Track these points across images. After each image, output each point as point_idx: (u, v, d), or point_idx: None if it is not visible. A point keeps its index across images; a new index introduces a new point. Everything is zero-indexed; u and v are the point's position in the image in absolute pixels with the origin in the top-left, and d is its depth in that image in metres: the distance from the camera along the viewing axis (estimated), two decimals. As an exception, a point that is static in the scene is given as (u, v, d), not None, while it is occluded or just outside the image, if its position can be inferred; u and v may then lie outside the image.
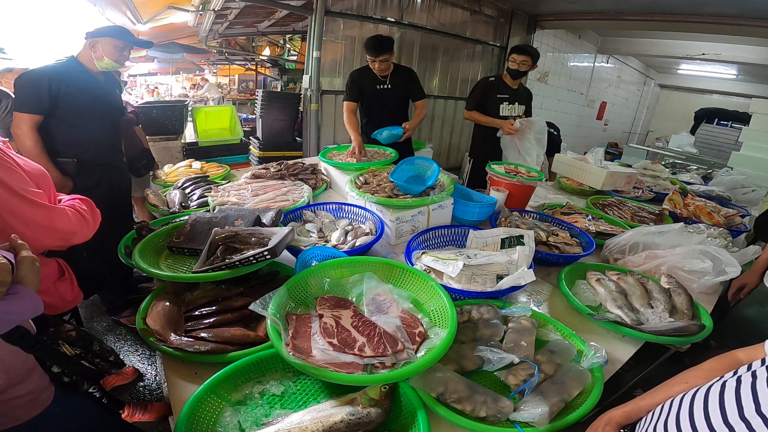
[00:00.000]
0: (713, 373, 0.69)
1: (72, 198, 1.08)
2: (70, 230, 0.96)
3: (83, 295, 1.23)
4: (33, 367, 0.78)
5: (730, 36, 4.31)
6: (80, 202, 1.07)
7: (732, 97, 7.75)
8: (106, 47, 1.79)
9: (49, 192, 1.02)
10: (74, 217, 0.98)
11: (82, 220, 1.01)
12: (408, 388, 0.83)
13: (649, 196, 2.59)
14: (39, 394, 0.78)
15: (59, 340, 0.83)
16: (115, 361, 0.95)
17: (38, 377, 0.79)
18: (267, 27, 5.88)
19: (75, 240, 1.03)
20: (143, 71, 8.02)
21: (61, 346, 0.82)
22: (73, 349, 0.84)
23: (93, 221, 1.08)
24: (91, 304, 2.36)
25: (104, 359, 0.91)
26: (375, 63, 2.40)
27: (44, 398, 0.79)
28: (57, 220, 0.91)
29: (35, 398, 0.77)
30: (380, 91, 2.58)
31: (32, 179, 0.94)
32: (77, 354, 0.85)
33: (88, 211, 1.06)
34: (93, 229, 1.08)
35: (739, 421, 0.53)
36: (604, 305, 1.26)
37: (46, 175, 1.03)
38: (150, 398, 1.84)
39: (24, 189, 0.85)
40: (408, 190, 1.60)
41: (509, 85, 2.75)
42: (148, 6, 4.14)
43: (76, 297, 1.14)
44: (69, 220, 0.95)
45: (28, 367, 0.76)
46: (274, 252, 1.03)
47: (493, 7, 5.00)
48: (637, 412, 0.75)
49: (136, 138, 2.44)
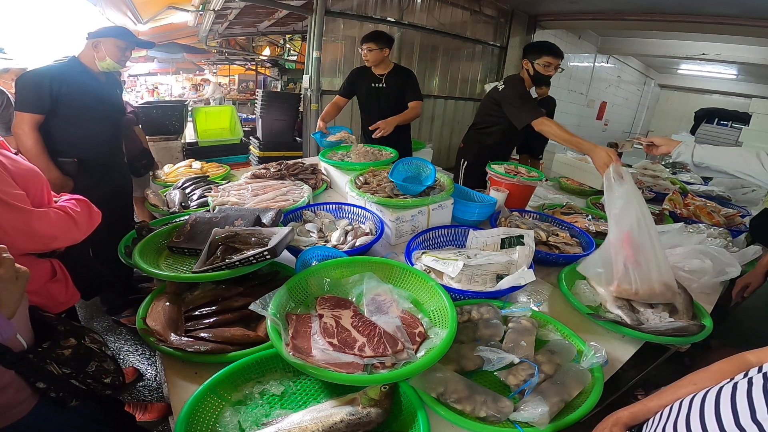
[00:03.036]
0: (722, 375, 0.69)
1: (68, 199, 1.07)
2: (50, 234, 0.93)
3: (83, 297, 1.23)
4: (9, 382, 0.73)
5: (730, 36, 4.32)
6: (75, 204, 1.05)
7: (732, 97, 7.76)
8: (109, 47, 1.80)
9: (41, 192, 1.00)
10: (59, 220, 0.95)
11: (69, 223, 0.98)
12: (408, 388, 0.83)
13: (649, 196, 2.59)
14: (10, 408, 0.74)
15: (48, 359, 0.77)
16: (111, 383, 0.88)
17: (13, 392, 0.74)
18: (267, 27, 5.88)
19: (56, 244, 1.01)
20: (143, 71, 8.03)
21: (48, 364, 0.77)
22: (61, 368, 0.78)
23: (86, 223, 1.06)
24: (91, 304, 2.37)
25: (97, 380, 0.85)
26: (363, 51, 2.44)
27: (16, 412, 0.75)
28: (36, 223, 0.88)
29: (4, 412, 0.73)
30: (375, 89, 2.59)
31: (19, 180, 0.92)
32: (66, 373, 0.79)
33: (81, 213, 1.03)
34: (85, 232, 1.05)
35: (751, 424, 0.53)
36: (604, 305, 1.26)
37: (37, 174, 1.01)
38: (150, 398, 1.84)
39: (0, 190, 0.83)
40: (408, 190, 1.60)
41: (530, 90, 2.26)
42: (148, 6, 4.14)
43: (71, 298, 1.14)
44: (49, 224, 0.92)
45: (2, 381, 0.72)
46: (274, 252, 1.03)
47: (493, 7, 5.00)
48: (644, 413, 0.75)
49: (136, 138, 2.44)
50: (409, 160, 1.76)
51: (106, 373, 0.87)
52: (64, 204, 1.03)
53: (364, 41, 2.45)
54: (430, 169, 1.68)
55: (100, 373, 0.86)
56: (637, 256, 1.20)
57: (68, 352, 0.81)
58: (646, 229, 1.21)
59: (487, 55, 5.34)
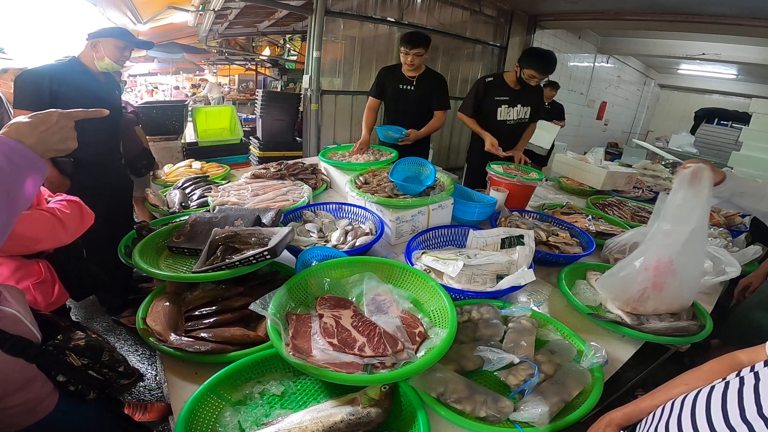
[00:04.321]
0: (714, 375, 0.69)
1: (59, 200, 1.06)
2: (33, 237, 0.92)
3: (74, 297, 1.23)
4: (34, 376, 0.76)
5: (730, 36, 4.31)
6: (65, 206, 1.04)
7: (732, 97, 7.75)
8: (108, 47, 1.80)
9: None
10: (44, 223, 0.95)
11: (56, 226, 0.98)
12: (408, 388, 0.83)
13: (649, 196, 2.59)
14: (39, 403, 0.76)
15: (66, 350, 0.80)
16: (124, 371, 0.92)
17: (39, 386, 0.77)
18: (267, 27, 5.88)
19: (41, 246, 1.01)
20: (143, 71, 8.02)
21: (68, 356, 0.80)
22: (80, 359, 0.82)
23: (76, 225, 1.05)
24: (91, 304, 2.37)
25: (113, 369, 0.88)
26: (408, 56, 2.37)
27: (45, 406, 0.77)
28: (18, 226, 0.87)
29: (34, 407, 0.76)
30: (402, 91, 2.53)
31: None
32: (84, 364, 0.82)
33: (70, 215, 1.02)
34: (73, 234, 1.05)
35: (740, 423, 0.53)
36: (604, 305, 1.26)
37: None
38: (150, 398, 1.84)
39: None
40: (408, 190, 1.60)
41: (510, 85, 2.40)
42: (148, 6, 4.14)
43: (58, 299, 1.14)
44: (33, 227, 0.92)
45: (28, 376, 0.74)
46: (274, 252, 1.03)
47: (493, 7, 5.00)
48: (637, 414, 0.75)
49: (137, 138, 2.44)
50: (409, 160, 1.77)
51: (118, 362, 0.90)
52: (53, 206, 1.02)
53: (412, 45, 2.33)
54: (430, 169, 1.68)
55: (113, 362, 0.88)
56: (665, 279, 1.10)
57: (83, 342, 0.84)
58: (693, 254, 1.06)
59: (487, 55, 5.34)
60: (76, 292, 1.22)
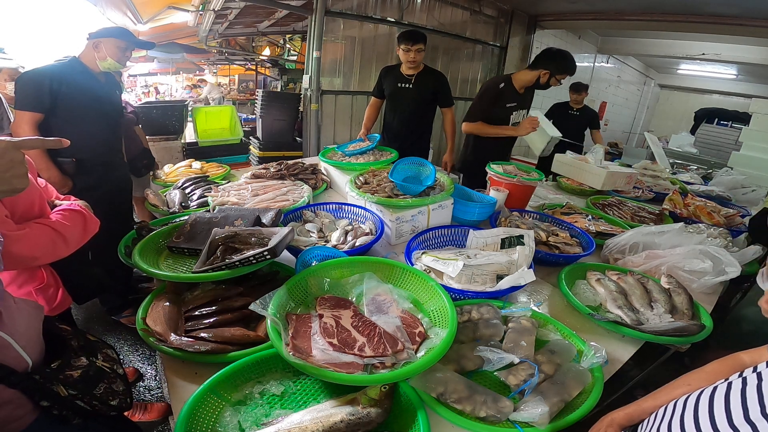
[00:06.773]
0: (716, 376, 0.69)
1: (62, 209, 1.02)
2: (29, 255, 0.89)
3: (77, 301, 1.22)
4: (9, 398, 0.70)
5: (730, 36, 4.31)
6: (68, 216, 1.00)
7: (732, 97, 7.75)
8: (110, 47, 1.80)
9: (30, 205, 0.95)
10: (41, 240, 0.91)
11: (55, 241, 0.93)
12: (408, 388, 0.83)
13: (649, 196, 2.59)
14: (8, 423, 0.71)
15: (55, 380, 0.74)
16: (118, 405, 0.84)
17: (13, 408, 0.72)
18: (267, 27, 5.88)
19: (39, 263, 0.98)
20: (143, 71, 8.02)
21: (55, 386, 0.74)
22: (68, 390, 0.75)
23: (78, 237, 1.01)
24: (92, 304, 2.36)
25: (104, 403, 0.82)
26: (410, 53, 2.37)
27: (14, 427, 0.72)
28: (14, 246, 0.84)
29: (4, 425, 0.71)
30: (401, 89, 2.53)
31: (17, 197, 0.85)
32: (72, 395, 0.76)
33: (72, 228, 0.99)
34: (75, 246, 1.01)
35: (744, 424, 0.53)
36: (604, 305, 1.26)
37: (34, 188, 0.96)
38: (150, 398, 1.84)
39: None
40: (408, 190, 1.60)
41: (518, 90, 2.36)
42: (148, 6, 4.14)
43: (61, 303, 1.13)
44: (28, 246, 0.88)
45: (1, 398, 0.69)
46: (274, 252, 1.03)
47: (493, 7, 5.00)
48: (639, 414, 0.75)
49: (137, 138, 2.44)
50: (409, 160, 1.76)
51: (114, 395, 0.85)
52: (55, 218, 0.98)
53: (413, 42, 2.35)
54: (430, 169, 1.68)
55: (107, 395, 0.83)
56: None
57: (77, 374, 0.78)
58: None
59: (487, 55, 5.34)
60: (79, 295, 1.21)
